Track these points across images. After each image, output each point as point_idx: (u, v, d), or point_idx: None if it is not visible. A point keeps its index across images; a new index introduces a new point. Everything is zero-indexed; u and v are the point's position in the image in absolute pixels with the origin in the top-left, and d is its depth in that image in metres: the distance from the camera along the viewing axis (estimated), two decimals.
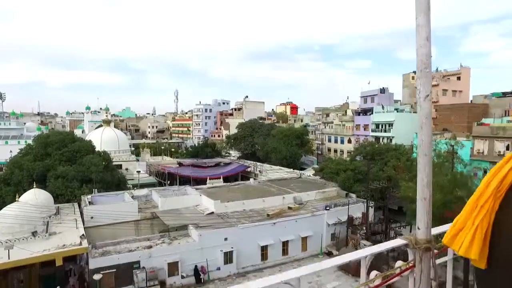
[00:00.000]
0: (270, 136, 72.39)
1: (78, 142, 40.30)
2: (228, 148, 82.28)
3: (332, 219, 30.68)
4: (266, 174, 53.58)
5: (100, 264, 22.12)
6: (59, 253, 21.05)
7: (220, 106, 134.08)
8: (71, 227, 24.72)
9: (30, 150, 39.02)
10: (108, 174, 37.76)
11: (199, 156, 66.57)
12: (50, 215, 26.07)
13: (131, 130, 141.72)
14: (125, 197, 31.77)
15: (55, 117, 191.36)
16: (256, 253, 27.43)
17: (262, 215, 29.72)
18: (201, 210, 30.33)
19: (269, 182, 42.06)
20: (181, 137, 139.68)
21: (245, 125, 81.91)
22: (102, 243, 24.16)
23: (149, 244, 24.69)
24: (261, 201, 32.15)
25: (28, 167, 35.10)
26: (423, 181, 2.38)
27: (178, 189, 35.48)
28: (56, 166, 35.70)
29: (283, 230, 28.40)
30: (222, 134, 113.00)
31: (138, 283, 22.58)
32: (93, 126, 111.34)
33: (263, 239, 27.47)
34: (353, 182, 37.17)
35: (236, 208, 30.63)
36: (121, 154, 59.31)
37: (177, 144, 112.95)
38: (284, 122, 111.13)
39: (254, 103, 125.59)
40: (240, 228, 26.63)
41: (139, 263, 23.25)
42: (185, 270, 24.59)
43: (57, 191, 32.85)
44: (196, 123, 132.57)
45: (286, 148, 64.38)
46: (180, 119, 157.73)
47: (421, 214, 2.43)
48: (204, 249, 25.15)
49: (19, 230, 22.25)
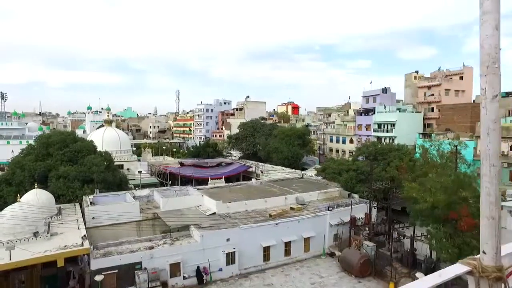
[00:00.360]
0: (271, 136, 72.19)
1: (80, 142, 40.16)
2: (229, 148, 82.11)
3: (335, 220, 30.51)
4: (268, 174, 53.42)
5: (101, 265, 21.99)
6: (60, 254, 20.92)
7: (221, 106, 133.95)
8: (73, 227, 24.63)
9: (31, 150, 38.93)
10: (110, 174, 37.64)
11: (201, 156, 66.47)
12: (52, 216, 25.99)
13: (132, 130, 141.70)
14: (127, 197, 31.64)
15: (57, 117, 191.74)
16: (258, 254, 27.29)
17: (264, 215, 29.56)
18: (203, 210, 30.19)
19: (271, 182, 41.89)
20: (183, 137, 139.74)
21: (246, 125, 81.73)
22: (103, 244, 24.02)
23: (150, 244, 24.55)
24: (263, 202, 32.00)
25: (30, 167, 35.01)
26: (489, 197, 2.01)
27: (179, 190, 35.34)
28: (57, 166, 35.58)
29: (286, 230, 28.25)
30: (224, 134, 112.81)
31: (140, 284, 22.46)
32: (95, 126, 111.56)
33: (266, 240, 27.32)
34: (356, 182, 36.99)
35: (238, 209, 30.48)
36: (122, 154, 59.25)
37: (178, 144, 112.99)
38: (286, 122, 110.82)
39: (255, 103, 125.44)
40: (242, 228, 26.48)
41: (140, 264, 23.13)
42: (187, 271, 24.47)
43: (59, 192, 32.74)
44: (197, 123, 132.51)
45: (288, 148, 64.18)
46: (182, 119, 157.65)
47: (488, 236, 2.06)
48: (206, 250, 25.01)
49: (20, 230, 22.13)
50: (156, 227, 28.42)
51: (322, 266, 27.76)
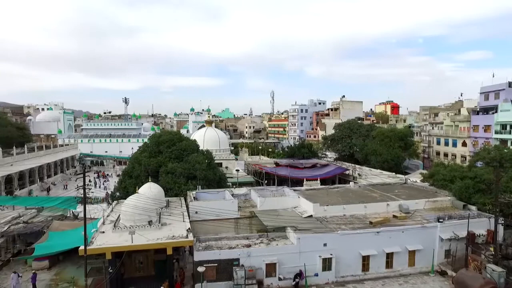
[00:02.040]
0: (369, 138, 68.39)
1: (185, 141, 43.71)
2: (324, 149, 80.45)
3: (447, 234, 26.86)
4: (366, 177, 50.46)
5: (203, 257, 23.30)
6: (170, 243, 22.85)
7: (316, 106, 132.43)
8: (178, 220, 26.69)
9: (146, 148, 43.84)
10: (211, 172, 40.02)
11: (295, 156, 66.39)
12: (162, 207, 28.64)
13: (229, 130, 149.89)
14: (226, 195, 33.09)
15: (165, 118, 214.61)
16: (356, 262, 25.66)
17: (363, 222, 27.72)
18: (299, 212, 29.75)
19: (371, 186, 39.25)
20: (277, 137, 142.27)
21: (342, 125, 79.04)
22: (205, 238, 25.46)
23: (248, 242, 25.11)
24: (363, 207, 30.06)
25: (145, 162, 39.43)
26: None
27: (276, 190, 35.54)
28: (166, 163, 39.30)
29: (388, 240, 25.94)
30: (318, 134, 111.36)
31: (237, 280, 23.10)
32: (196, 126, 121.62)
33: (365, 248, 25.52)
34: (473, 192, 31.99)
35: (335, 213, 29.22)
36: (221, 153, 62.83)
37: (273, 144, 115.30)
38: (385, 123, 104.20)
39: (351, 102, 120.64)
40: (340, 234, 25.21)
41: (238, 261, 23.80)
42: (282, 272, 24.33)
43: (167, 186, 36.02)
44: (291, 123, 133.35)
45: (388, 150, 59.82)
46: (276, 119, 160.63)
47: None
48: (302, 253, 24.48)
49: (138, 218, 24.90)
50: (253, 226, 28.99)
51: (431, 286, 24.64)
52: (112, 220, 26.72)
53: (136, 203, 25.45)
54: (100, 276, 23.11)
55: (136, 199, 25.88)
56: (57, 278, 25.48)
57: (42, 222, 31.26)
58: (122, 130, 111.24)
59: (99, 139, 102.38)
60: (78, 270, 25.77)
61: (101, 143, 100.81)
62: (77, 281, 23.25)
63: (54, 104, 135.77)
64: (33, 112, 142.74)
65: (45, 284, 24.52)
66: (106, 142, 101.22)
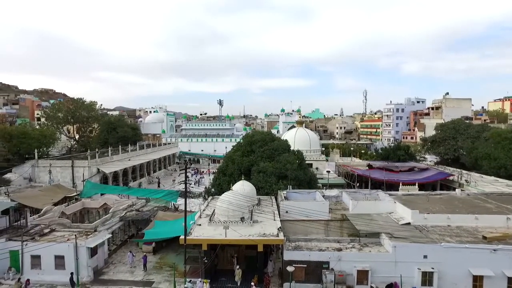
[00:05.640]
0: (480, 139, 60.14)
1: (277, 141, 44.46)
2: (423, 151, 73.57)
3: None
4: (476, 185, 44.42)
5: (292, 257, 23.35)
6: (261, 240, 23.53)
7: (413, 105, 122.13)
8: (269, 218, 27.25)
9: (239, 147, 45.86)
10: (301, 172, 39.95)
11: (390, 159, 62.11)
12: (253, 205, 29.63)
13: (319, 130, 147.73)
14: (317, 196, 32.61)
15: (256, 119, 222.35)
16: (465, 282, 22.48)
17: (474, 235, 24.36)
18: (395, 218, 27.66)
19: (483, 195, 34.34)
20: (370, 138, 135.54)
21: (446, 126, 71.22)
22: (294, 238, 25.47)
23: (338, 246, 24.31)
24: (473, 218, 26.42)
25: (238, 161, 41.30)
26: None
27: (369, 193, 33.72)
28: (258, 162, 40.51)
29: (508, 261, 22.18)
30: (416, 135, 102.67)
31: (327, 283, 22.57)
32: (286, 127, 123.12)
33: (477, 267, 22.25)
34: None
35: (438, 222, 26.32)
36: (312, 153, 62.34)
37: (365, 146, 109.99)
38: (502, 122, 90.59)
39: (457, 100, 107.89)
40: (444, 246, 22.58)
41: (328, 264, 23.22)
42: (374, 281, 22.89)
43: (259, 184, 37.07)
44: (386, 123, 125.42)
45: (506, 154, 51.58)
46: (369, 119, 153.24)
47: None
48: (398, 263, 22.68)
49: (232, 214, 26.24)
50: (344, 229, 28.01)
51: None
52: (208, 214, 28.66)
53: (230, 199, 26.80)
54: (196, 265, 24.97)
55: (230, 196, 27.26)
56: (161, 262, 28.59)
57: (149, 211, 35.29)
58: (216, 130, 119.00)
59: (196, 138, 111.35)
60: (178, 257, 28.45)
61: (198, 142, 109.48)
62: (177, 266, 25.55)
63: (159, 107, 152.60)
64: (143, 114, 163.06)
65: (152, 265, 27.75)
66: (202, 142, 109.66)
